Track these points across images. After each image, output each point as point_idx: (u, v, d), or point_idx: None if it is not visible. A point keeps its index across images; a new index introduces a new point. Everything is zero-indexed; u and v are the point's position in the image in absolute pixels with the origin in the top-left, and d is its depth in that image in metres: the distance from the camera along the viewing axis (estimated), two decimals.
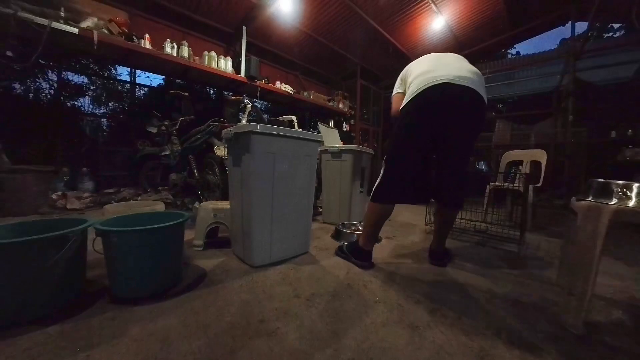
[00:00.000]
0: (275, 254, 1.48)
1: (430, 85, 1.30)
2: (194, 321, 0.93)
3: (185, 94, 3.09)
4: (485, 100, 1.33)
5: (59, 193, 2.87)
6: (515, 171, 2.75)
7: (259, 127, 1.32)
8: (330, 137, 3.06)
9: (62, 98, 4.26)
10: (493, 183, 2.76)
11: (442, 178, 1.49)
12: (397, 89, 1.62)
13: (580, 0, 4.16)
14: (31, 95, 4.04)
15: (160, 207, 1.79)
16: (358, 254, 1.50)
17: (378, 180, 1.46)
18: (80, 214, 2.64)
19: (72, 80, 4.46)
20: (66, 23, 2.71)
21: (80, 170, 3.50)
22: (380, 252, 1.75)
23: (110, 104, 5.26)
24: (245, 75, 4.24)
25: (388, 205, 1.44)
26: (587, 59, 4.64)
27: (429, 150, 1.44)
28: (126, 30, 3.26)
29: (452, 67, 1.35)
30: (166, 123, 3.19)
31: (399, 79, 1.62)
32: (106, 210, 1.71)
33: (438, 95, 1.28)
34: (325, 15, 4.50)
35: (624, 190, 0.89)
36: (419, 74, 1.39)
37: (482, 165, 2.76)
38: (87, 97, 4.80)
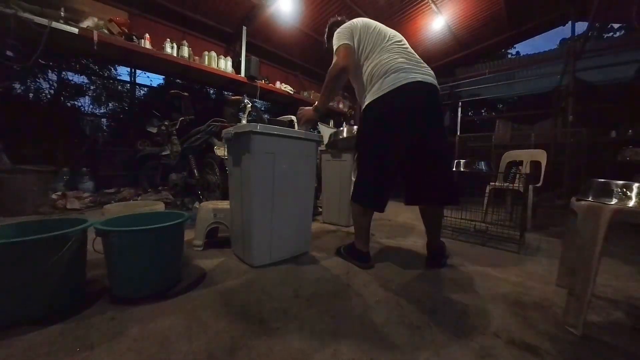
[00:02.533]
0: (275, 254, 1.48)
1: (404, 82, 1.31)
2: (193, 321, 0.93)
3: (185, 94, 3.09)
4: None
5: (59, 193, 2.87)
6: (515, 171, 2.75)
7: (259, 127, 1.32)
8: None
9: (62, 98, 4.26)
10: (493, 183, 2.76)
11: (434, 176, 1.44)
12: (345, 39, 1.42)
13: (580, 0, 4.16)
14: (31, 95, 4.04)
15: (160, 207, 1.78)
16: (356, 255, 1.51)
17: (363, 181, 1.45)
18: (80, 214, 2.64)
19: (72, 80, 4.46)
20: (66, 23, 2.72)
21: (80, 170, 3.49)
22: (380, 251, 1.75)
23: (110, 104, 5.27)
24: (245, 75, 4.24)
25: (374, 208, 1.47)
26: (587, 59, 4.63)
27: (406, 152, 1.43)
28: (126, 30, 3.26)
29: (414, 60, 1.39)
30: (166, 123, 3.19)
31: (347, 30, 1.44)
32: (106, 210, 1.71)
33: (416, 93, 1.32)
34: (326, 15, 4.50)
35: (624, 190, 0.89)
36: (385, 65, 1.35)
37: (482, 165, 2.76)
38: (87, 97, 4.80)
